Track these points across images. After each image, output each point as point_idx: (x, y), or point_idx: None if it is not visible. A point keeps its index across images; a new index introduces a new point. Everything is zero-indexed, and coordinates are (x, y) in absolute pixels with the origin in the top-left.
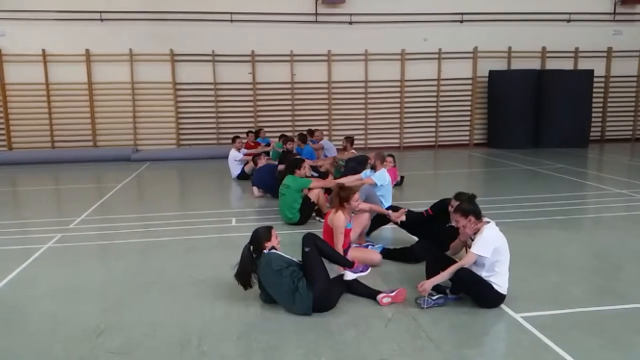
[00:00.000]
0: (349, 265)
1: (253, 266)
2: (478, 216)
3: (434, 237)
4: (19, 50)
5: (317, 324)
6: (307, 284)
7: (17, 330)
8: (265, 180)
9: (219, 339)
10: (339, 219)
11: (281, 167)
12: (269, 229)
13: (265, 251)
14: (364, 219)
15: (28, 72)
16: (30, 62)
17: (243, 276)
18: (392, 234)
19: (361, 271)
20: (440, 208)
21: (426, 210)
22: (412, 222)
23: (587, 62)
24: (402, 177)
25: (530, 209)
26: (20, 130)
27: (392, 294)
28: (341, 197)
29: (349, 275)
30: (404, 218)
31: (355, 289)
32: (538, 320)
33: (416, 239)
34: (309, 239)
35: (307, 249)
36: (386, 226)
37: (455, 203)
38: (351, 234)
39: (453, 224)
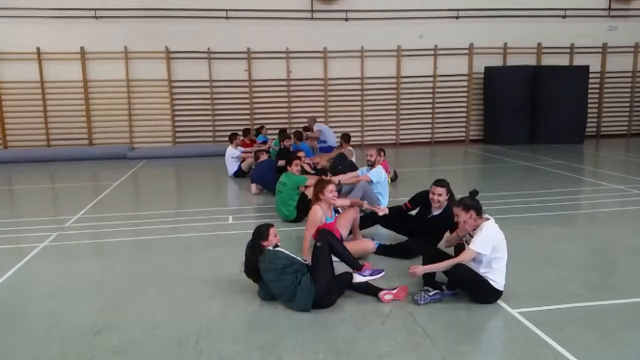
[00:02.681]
0: (358, 267)
1: (255, 262)
2: (479, 212)
3: (420, 231)
4: (13, 48)
5: (314, 320)
6: (311, 279)
7: (14, 329)
8: (264, 176)
9: (217, 337)
10: (314, 212)
11: (281, 162)
12: (267, 229)
13: (269, 248)
14: (351, 214)
15: (22, 70)
16: (25, 60)
17: (251, 272)
18: (387, 231)
19: (370, 274)
20: (419, 200)
21: (405, 204)
22: (393, 216)
23: (582, 57)
24: (395, 173)
25: (527, 204)
26: (15, 129)
27: (394, 291)
28: (316, 190)
29: (358, 278)
30: (386, 211)
31: (357, 286)
32: (535, 316)
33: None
34: (323, 235)
35: (318, 244)
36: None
37: (436, 189)
38: (341, 230)
39: (434, 211)
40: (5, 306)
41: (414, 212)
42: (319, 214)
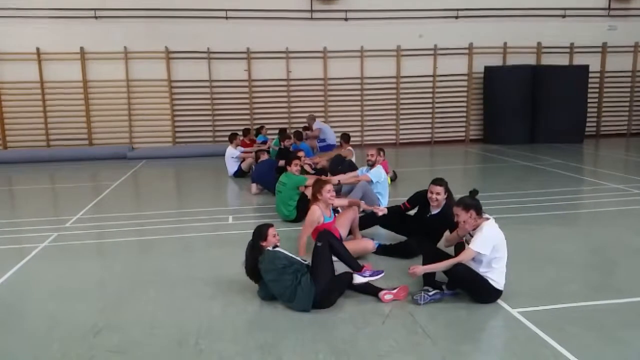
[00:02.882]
0: (357, 268)
1: (255, 262)
2: (479, 212)
3: (419, 231)
4: (13, 48)
5: (314, 320)
6: (311, 279)
7: (14, 330)
8: (265, 176)
9: (217, 337)
10: (312, 212)
11: (281, 162)
12: (266, 229)
13: (269, 248)
14: (350, 214)
15: (22, 70)
16: (24, 61)
17: (251, 273)
18: (387, 231)
19: (371, 275)
20: (417, 200)
21: (403, 204)
22: (392, 216)
23: (582, 57)
24: (394, 173)
25: (527, 204)
26: (15, 129)
27: (394, 291)
28: (314, 190)
29: (358, 279)
30: (385, 211)
31: (357, 286)
32: (535, 316)
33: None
34: (323, 235)
35: (319, 244)
36: None
37: (434, 188)
38: (341, 230)
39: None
40: (5, 306)
41: (412, 212)
42: (316, 213)
